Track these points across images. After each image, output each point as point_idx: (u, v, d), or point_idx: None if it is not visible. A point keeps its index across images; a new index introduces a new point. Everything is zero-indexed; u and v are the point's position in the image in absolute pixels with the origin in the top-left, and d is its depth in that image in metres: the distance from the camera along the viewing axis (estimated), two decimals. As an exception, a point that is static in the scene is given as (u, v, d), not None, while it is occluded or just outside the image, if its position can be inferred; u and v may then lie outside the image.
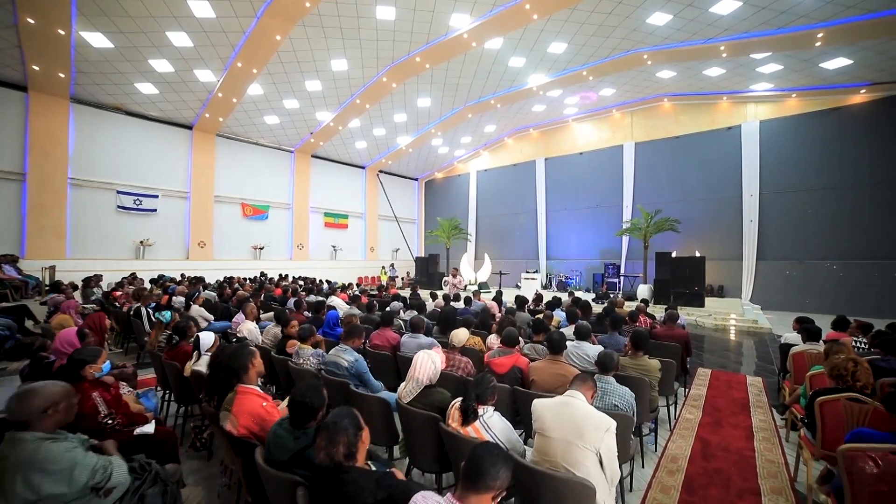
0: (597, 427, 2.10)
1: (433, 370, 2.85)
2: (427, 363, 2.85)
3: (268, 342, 4.86)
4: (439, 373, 2.89)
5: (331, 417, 1.71)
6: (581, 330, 4.07)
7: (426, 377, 2.83)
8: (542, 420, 2.24)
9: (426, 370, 2.83)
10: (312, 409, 2.06)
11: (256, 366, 2.62)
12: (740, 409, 4.85)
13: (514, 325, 4.65)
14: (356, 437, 1.68)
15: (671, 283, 11.97)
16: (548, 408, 2.28)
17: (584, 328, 4.07)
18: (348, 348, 3.74)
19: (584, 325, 4.09)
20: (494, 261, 19.02)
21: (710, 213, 14.67)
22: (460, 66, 13.68)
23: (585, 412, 2.17)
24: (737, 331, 9.93)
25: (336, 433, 1.63)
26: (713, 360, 7.27)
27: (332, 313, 5.56)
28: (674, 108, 15.81)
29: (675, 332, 5.24)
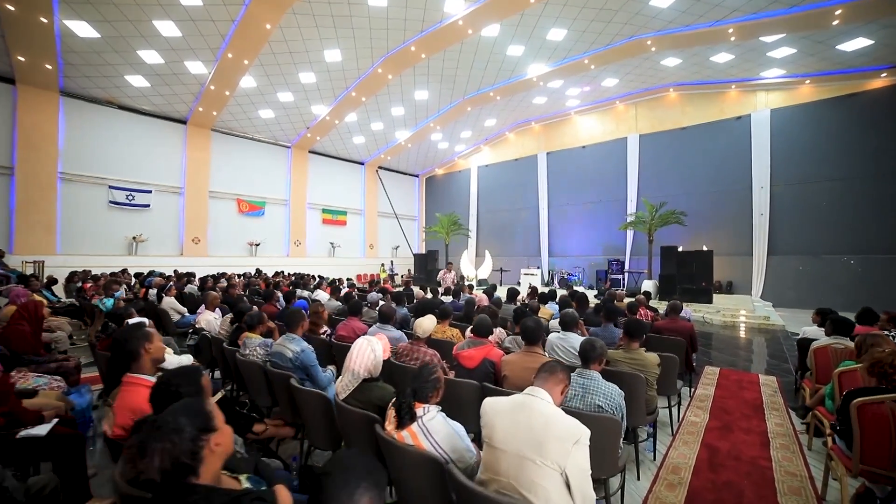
0: (561, 438, 1.55)
1: (372, 360, 2.32)
2: (365, 351, 2.33)
3: (223, 332, 4.38)
4: (381, 363, 2.36)
5: (161, 415, 1.19)
6: (566, 318, 3.51)
7: (364, 368, 2.31)
8: (492, 426, 1.70)
9: (364, 360, 2.31)
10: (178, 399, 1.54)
11: (152, 351, 2.11)
12: (753, 412, 4.24)
13: (495, 315, 4.11)
14: (197, 441, 1.16)
15: (677, 279, 11.31)
16: (500, 410, 1.74)
17: (569, 316, 3.51)
18: (295, 337, 3.24)
19: (569, 314, 3.53)
20: (496, 257, 18.45)
21: (718, 207, 13.94)
22: (457, 56, 13.16)
23: (548, 417, 1.62)
24: (747, 328, 9.24)
25: (154, 439, 1.11)
26: (722, 357, 6.64)
27: (300, 303, 5.07)
28: (680, 99, 15.11)
29: (678, 325, 4.64)
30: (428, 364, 2.03)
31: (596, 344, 2.48)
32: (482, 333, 3.20)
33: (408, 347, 3.40)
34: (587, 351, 2.46)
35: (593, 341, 2.50)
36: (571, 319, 3.50)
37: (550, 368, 1.85)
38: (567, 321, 3.50)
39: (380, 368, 2.36)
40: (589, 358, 2.44)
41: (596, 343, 2.49)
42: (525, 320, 2.93)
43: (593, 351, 2.45)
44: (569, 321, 3.50)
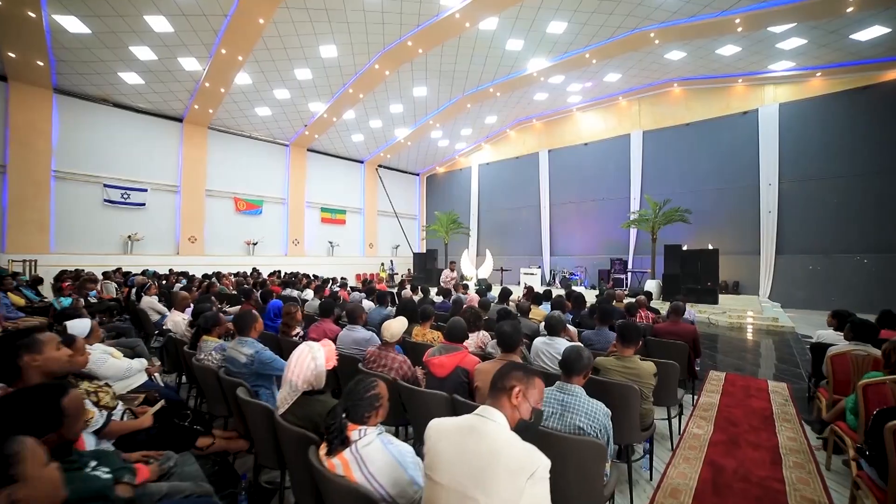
0: (512, 471, 1.20)
1: (313, 370, 1.98)
2: (305, 360, 1.98)
3: (188, 334, 4.06)
4: (323, 374, 2.02)
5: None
6: (552, 322, 3.14)
7: (302, 379, 1.97)
8: (436, 453, 1.35)
9: (303, 370, 1.97)
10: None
11: (41, 363, 1.77)
12: (762, 424, 3.84)
13: (479, 317, 3.75)
14: None
15: (682, 279, 10.86)
16: (446, 432, 1.38)
17: (555, 319, 3.15)
18: (248, 340, 2.91)
19: (555, 317, 3.17)
20: (496, 257, 18.03)
21: (724, 205, 13.44)
22: (455, 51, 12.80)
23: (495, 445, 1.27)
24: (755, 329, 8.79)
25: None
26: (728, 361, 6.22)
27: (274, 303, 4.74)
28: (684, 94, 14.62)
29: (679, 328, 4.25)
30: (364, 379, 1.68)
31: (583, 353, 2.11)
32: (455, 338, 2.85)
33: (375, 353, 3.06)
34: (571, 361, 2.09)
35: (580, 350, 2.13)
36: (557, 323, 3.14)
37: (509, 377, 1.48)
38: (553, 325, 3.14)
39: (322, 379, 2.02)
40: (572, 369, 2.08)
41: (583, 352, 2.12)
42: (501, 324, 2.57)
43: (578, 361, 2.08)
44: (555, 325, 3.13)
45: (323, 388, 2.06)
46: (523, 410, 1.43)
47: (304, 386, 1.97)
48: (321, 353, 2.01)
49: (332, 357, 2.08)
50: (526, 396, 1.45)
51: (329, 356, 2.05)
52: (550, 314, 3.25)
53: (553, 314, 3.23)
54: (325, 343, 2.10)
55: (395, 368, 2.94)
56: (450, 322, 2.92)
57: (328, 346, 2.08)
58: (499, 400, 1.43)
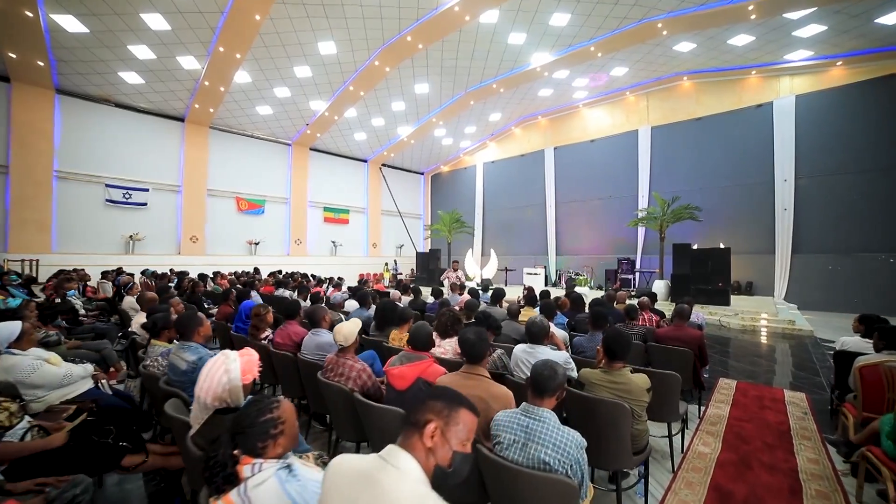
0: None
1: (224, 384, 1.64)
2: (216, 374, 1.64)
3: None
4: (238, 389, 1.67)
5: None
6: (533, 329, 2.75)
7: (212, 396, 1.62)
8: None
9: (213, 384, 1.62)
10: None
11: None
12: (778, 441, 3.39)
13: (457, 321, 3.38)
14: None
15: (691, 279, 10.31)
16: (338, 486, 1.02)
17: (536, 326, 2.76)
18: (191, 345, 2.59)
19: (536, 322, 2.78)
20: (501, 256, 17.61)
21: (736, 202, 12.81)
22: (456, 46, 12.43)
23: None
24: (769, 333, 8.22)
25: None
26: (740, 368, 5.72)
27: (247, 303, 4.44)
28: (694, 88, 14.01)
29: (684, 333, 3.82)
30: (260, 399, 1.32)
31: (557, 371, 1.72)
32: (419, 345, 2.48)
33: (332, 360, 2.71)
34: (543, 379, 1.70)
35: (553, 366, 1.74)
36: (539, 329, 2.74)
37: (420, 409, 1.12)
38: (533, 331, 2.75)
39: (239, 395, 1.67)
40: (543, 389, 1.69)
41: (557, 369, 1.73)
42: (464, 331, 2.19)
43: (551, 380, 1.69)
44: (535, 331, 2.74)
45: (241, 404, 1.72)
46: (440, 454, 1.07)
47: (214, 403, 1.63)
48: (236, 365, 1.66)
49: (252, 369, 1.73)
50: (445, 435, 1.08)
51: (248, 368, 1.70)
52: (532, 319, 2.86)
53: (535, 319, 2.84)
54: (245, 353, 1.75)
55: (353, 378, 2.58)
56: (413, 327, 2.56)
57: (247, 357, 1.74)
58: (409, 439, 1.07)
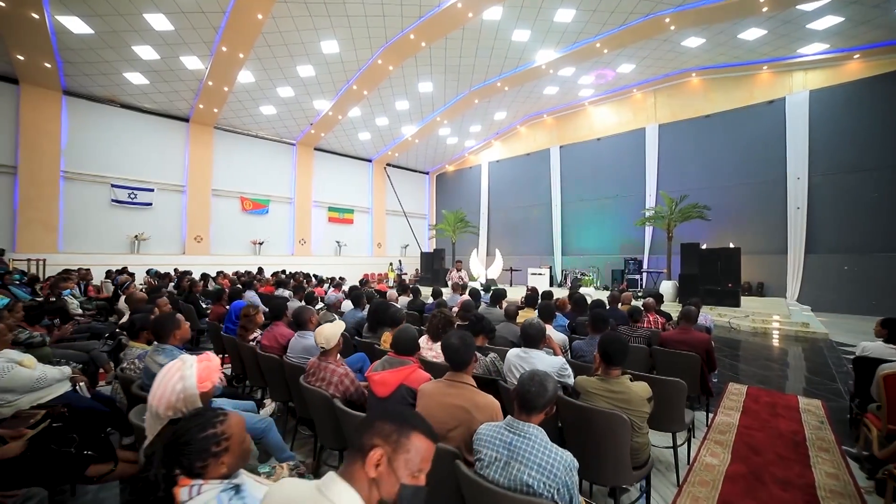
0: None
1: (178, 392, 1.49)
2: (170, 381, 1.50)
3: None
4: (194, 397, 1.52)
5: None
6: (529, 331, 2.57)
7: (165, 404, 1.48)
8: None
9: (166, 392, 1.48)
10: None
11: None
12: (792, 452, 3.16)
13: (450, 324, 3.21)
14: None
15: (700, 279, 10.00)
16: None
17: (533, 328, 2.58)
18: (166, 348, 2.46)
19: (533, 324, 2.60)
20: (506, 257, 17.40)
21: (746, 200, 12.45)
22: (459, 44, 12.27)
23: None
24: (781, 336, 7.91)
25: None
26: (751, 372, 5.47)
27: (238, 303, 4.31)
28: (703, 84, 13.66)
29: (691, 337, 3.60)
30: (203, 415, 1.17)
31: (546, 386, 1.54)
32: (403, 349, 2.31)
33: (314, 364, 2.55)
34: (530, 396, 1.52)
35: (543, 380, 1.56)
36: (536, 332, 2.56)
37: (367, 431, 0.96)
38: (530, 334, 2.57)
39: (195, 403, 1.52)
40: (532, 405, 1.51)
41: (547, 384, 1.55)
42: (448, 336, 2.02)
43: (538, 397, 1.51)
44: (532, 334, 2.56)
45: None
46: (385, 487, 0.90)
47: (167, 413, 1.48)
48: (192, 371, 1.52)
49: (211, 376, 1.58)
50: (392, 464, 0.91)
51: (206, 374, 1.55)
52: (528, 321, 2.68)
53: (531, 321, 2.66)
54: (204, 358, 1.60)
55: (335, 383, 2.43)
56: (396, 330, 2.40)
57: (206, 363, 1.59)
58: (350, 466, 0.90)
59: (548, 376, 1.58)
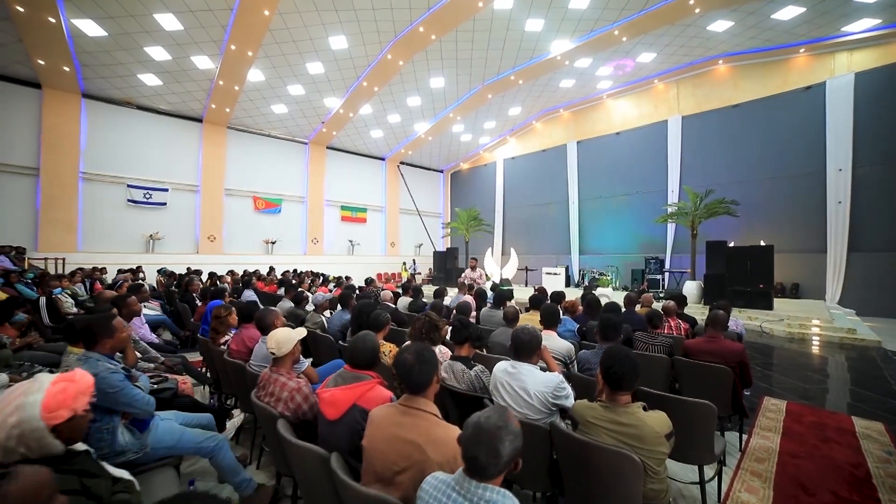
0: None
1: (10, 428, 1.10)
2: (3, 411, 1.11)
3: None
4: (42, 433, 1.13)
5: None
6: (523, 337, 2.11)
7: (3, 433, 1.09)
8: None
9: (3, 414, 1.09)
10: None
11: None
12: (855, 493, 2.56)
13: (434, 328, 2.76)
14: None
15: (728, 280, 9.20)
16: None
17: (525, 334, 2.11)
18: (90, 356, 2.11)
19: (527, 330, 2.13)
20: (522, 256, 16.81)
21: (779, 195, 11.48)
22: (470, 36, 11.80)
23: None
24: (823, 343, 7.09)
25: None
26: (788, 384, 4.79)
27: (213, 303, 3.99)
28: (731, 72, 12.73)
29: (721, 346, 3.04)
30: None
31: (501, 447, 1.06)
32: (360, 362, 1.88)
33: (265, 376, 2.16)
34: (479, 463, 1.06)
35: (501, 429, 1.08)
36: (528, 341, 2.09)
37: None
38: (522, 341, 2.10)
39: (43, 443, 1.13)
40: (483, 472, 1.06)
41: (502, 444, 1.06)
42: (401, 350, 1.57)
43: (493, 456, 1.05)
44: (525, 341, 2.09)
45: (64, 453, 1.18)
46: None
47: (19, 449, 1.10)
48: (36, 398, 1.13)
49: (68, 402, 1.19)
50: None
51: (58, 401, 1.16)
52: (522, 327, 2.21)
53: (524, 328, 2.19)
54: (63, 379, 1.22)
55: (284, 399, 2.02)
56: (353, 339, 1.97)
57: (62, 385, 1.20)
58: None
59: (505, 429, 1.08)
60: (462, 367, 2.40)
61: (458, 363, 2.43)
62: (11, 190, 11.14)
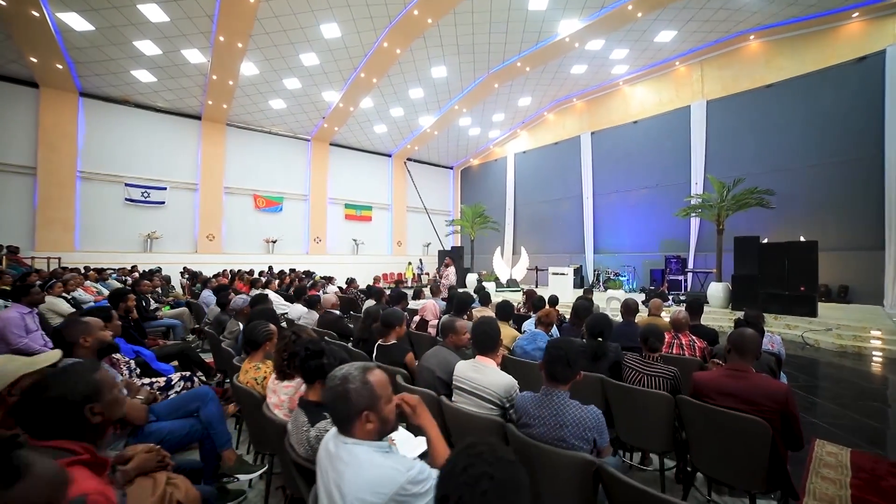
0: None
1: None
2: None
3: None
4: None
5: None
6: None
7: None
8: None
9: None
10: None
11: None
12: None
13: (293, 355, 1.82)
14: None
15: (760, 281, 7.83)
16: None
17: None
18: None
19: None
20: (533, 255, 15.63)
21: (823, 184, 9.90)
22: (469, 18, 10.83)
23: None
24: (887, 359, 5.69)
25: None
26: (848, 419, 3.56)
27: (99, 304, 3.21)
28: (764, 48, 11.19)
29: (752, 386, 1.97)
30: None
31: None
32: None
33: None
34: None
35: None
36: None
37: None
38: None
39: None
40: None
41: None
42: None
43: None
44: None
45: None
46: None
47: None
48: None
49: None
50: None
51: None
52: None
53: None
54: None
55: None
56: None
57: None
58: None
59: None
60: (305, 419, 1.45)
61: (303, 413, 1.48)
62: (8, 189, 10.99)
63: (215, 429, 2.19)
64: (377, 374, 1.12)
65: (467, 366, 1.98)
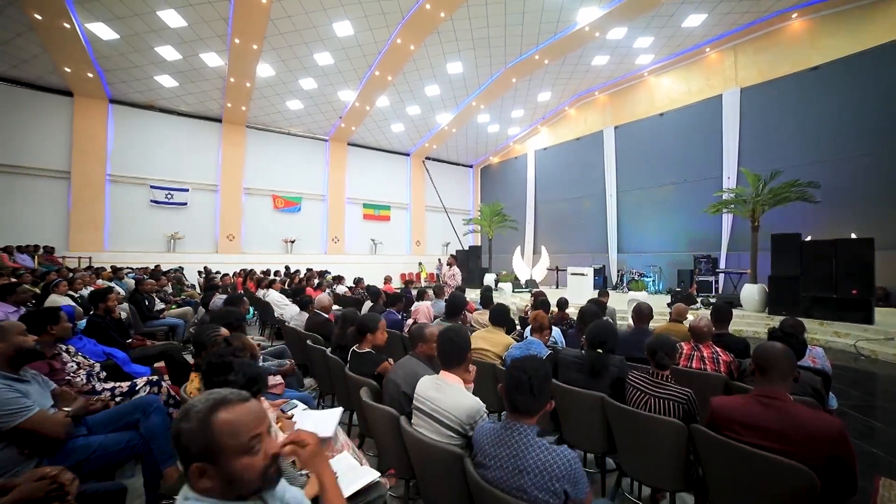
0: None
1: None
2: None
3: None
4: None
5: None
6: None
7: None
8: None
9: None
10: None
11: None
12: None
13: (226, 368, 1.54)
14: None
15: (802, 283, 7.04)
16: None
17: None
18: None
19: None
20: (554, 255, 15.06)
21: (880, 176, 8.88)
22: (483, 10, 10.45)
23: None
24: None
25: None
26: (913, 451, 2.97)
27: (63, 308, 3.08)
28: (807, 27, 10.20)
29: (790, 418, 1.53)
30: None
31: None
32: None
33: None
34: None
35: None
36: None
37: None
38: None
39: None
40: None
41: None
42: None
43: None
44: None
45: None
46: None
47: None
48: None
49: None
50: None
51: None
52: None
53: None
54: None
55: None
56: None
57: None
58: None
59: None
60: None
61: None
62: (46, 193, 11.54)
63: (157, 443, 1.97)
64: (235, 412, 0.81)
65: (429, 382, 1.65)
